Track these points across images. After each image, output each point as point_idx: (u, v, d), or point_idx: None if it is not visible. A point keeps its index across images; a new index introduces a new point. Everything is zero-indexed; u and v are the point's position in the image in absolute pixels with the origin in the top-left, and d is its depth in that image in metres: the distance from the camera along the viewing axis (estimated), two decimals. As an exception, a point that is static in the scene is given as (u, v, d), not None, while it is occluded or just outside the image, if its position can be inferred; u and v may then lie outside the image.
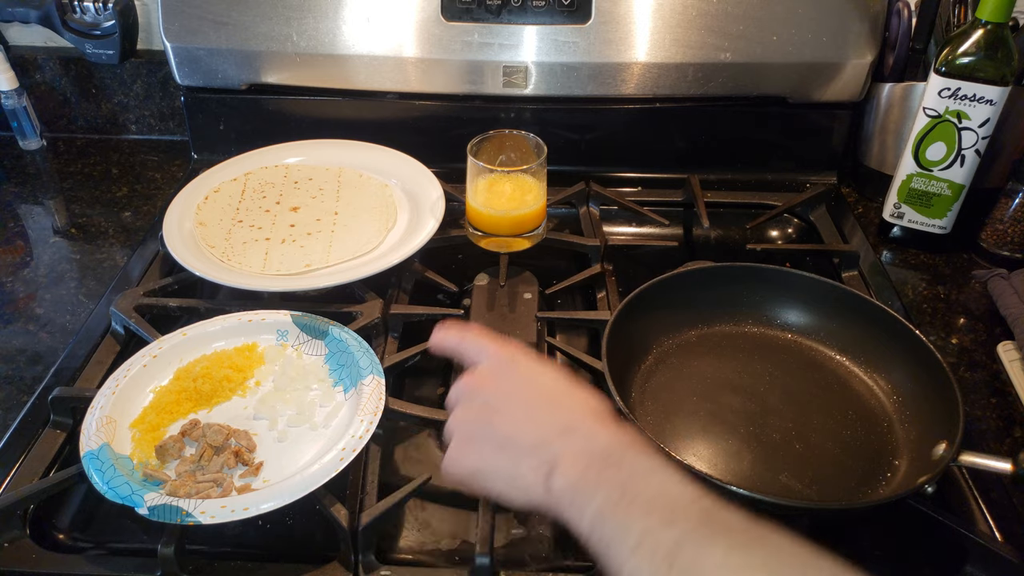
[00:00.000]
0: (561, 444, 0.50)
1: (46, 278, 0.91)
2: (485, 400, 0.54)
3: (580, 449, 0.49)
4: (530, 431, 0.52)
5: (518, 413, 0.53)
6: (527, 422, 0.52)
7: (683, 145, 1.07)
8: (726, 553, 0.41)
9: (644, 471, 0.47)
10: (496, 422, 0.53)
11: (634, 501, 0.45)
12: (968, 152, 0.87)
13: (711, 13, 0.97)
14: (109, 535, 0.65)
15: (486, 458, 0.53)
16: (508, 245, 0.89)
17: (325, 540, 0.63)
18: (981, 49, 0.82)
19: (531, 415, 0.53)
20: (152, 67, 1.12)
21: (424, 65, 1.01)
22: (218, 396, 0.71)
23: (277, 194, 0.95)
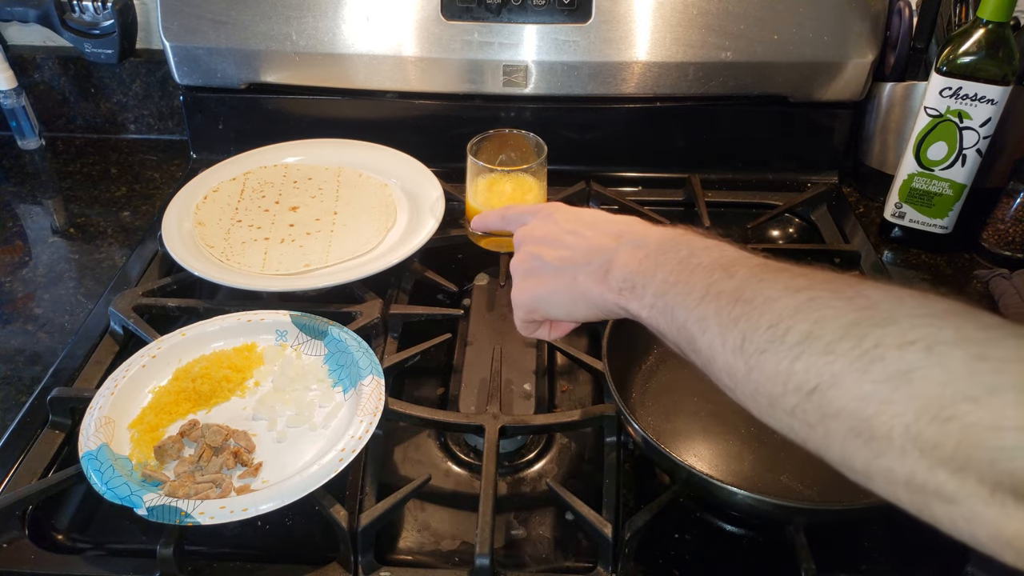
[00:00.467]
0: (614, 247, 0.52)
1: (45, 278, 0.91)
2: (536, 241, 0.58)
3: (633, 247, 0.51)
4: (580, 248, 0.54)
5: (568, 240, 0.55)
6: (577, 245, 0.55)
7: (684, 144, 1.07)
8: (789, 279, 0.41)
9: (700, 248, 0.47)
10: (548, 254, 0.56)
11: (696, 270, 0.45)
12: (969, 152, 0.87)
13: (712, 12, 0.96)
14: (108, 536, 0.64)
15: (545, 284, 0.56)
16: (508, 245, 0.88)
17: (324, 541, 0.63)
18: (982, 48, 0.82)
19: (580, 239, 0.55)
20: (151, 66, 1.12)
21: (424, 64, 1.00)
22: (217, 396, 0.71)
23: (276, 194, 0.95)
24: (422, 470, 0.70)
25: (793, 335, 0.38)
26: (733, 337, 0.41)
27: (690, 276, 0.45)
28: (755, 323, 0.40)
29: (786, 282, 0.41)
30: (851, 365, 0.35)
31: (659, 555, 0.63)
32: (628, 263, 0.50)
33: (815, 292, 0.39)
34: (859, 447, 0.35)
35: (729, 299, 0.42)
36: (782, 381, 0.38)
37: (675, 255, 0.48)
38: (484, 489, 0.62)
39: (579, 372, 0.80)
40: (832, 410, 0.36)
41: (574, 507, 0.62)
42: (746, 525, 0.65)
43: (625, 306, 0.50)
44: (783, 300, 0.39)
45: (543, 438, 0.73)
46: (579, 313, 0.55)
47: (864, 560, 0.63)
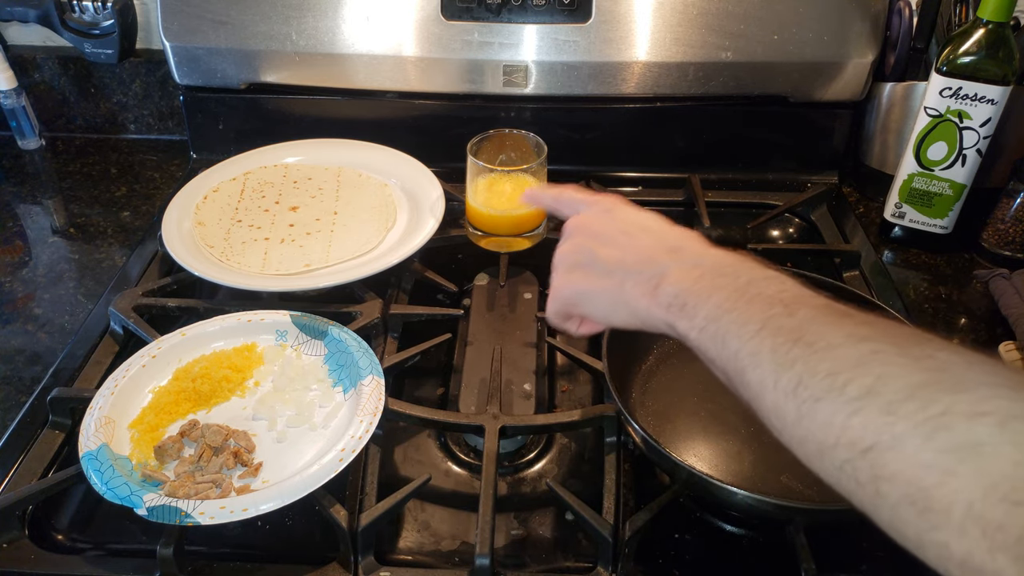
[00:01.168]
0: (669, 260, 0.50)
1: (45, 278, 0.91)
2: (591, 235, 0.55)
3: (691, 263, 0.49)
4: (635, 254, 0.52)
5: (622, 241, 0.54)
6: (632, 249, 0.53)
7: (684, 144, 1.07)
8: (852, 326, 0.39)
9: (761, 277, 0.46)
10: (600, 252, 0.54)
11: (754, 299, 0.44)
12: (969, 152, 0.87)
13: (712, 12, 0.96)
14: (108, 536, 0.64)
15: (591, 281, 0.54)
16: (508, 245, 0.89)
17: (324, 541, 0.63)
18: (982, 48, 0.82)
19: (635, 243, 0.53)
20: (151, 66, 1.12)
21: (424, 64, 1.00)
22: (217, 396, 0.71)
23: (276, 194, 0.95)
24: (422, 470, 0.70)
25: (853, 388, 0.36)
26: (788, 379, 0.39)
27: (748, 305, 0.44)
28: (813, 368, 0.38)
29: (849, 329, 0.39)
30: (914, 429, 0.33)
31: (659, 555, 0.63)
32: (682, 280, 0.48)
33: (879, 345, 0.37)
34: (912, 516, 0.33)
35: (787, 338, 0.40)
36: (835, 433, 0.36)
37: (734, 280, 0.46)
38: (484, 489, 0.62)
39: (579, 372, 0.80)
40: (887, 473, 0.34)
41: (574, 507, 0.62)
42: (746, 525, 0.65)
43: (672, 323, 0.48)
44: (845, 349, 0.38)
45: (543, 438, 0.73)
46: (617, 319, 0.53)
47: (864, 560, 0.63)
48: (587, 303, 0.55)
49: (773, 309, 0.42)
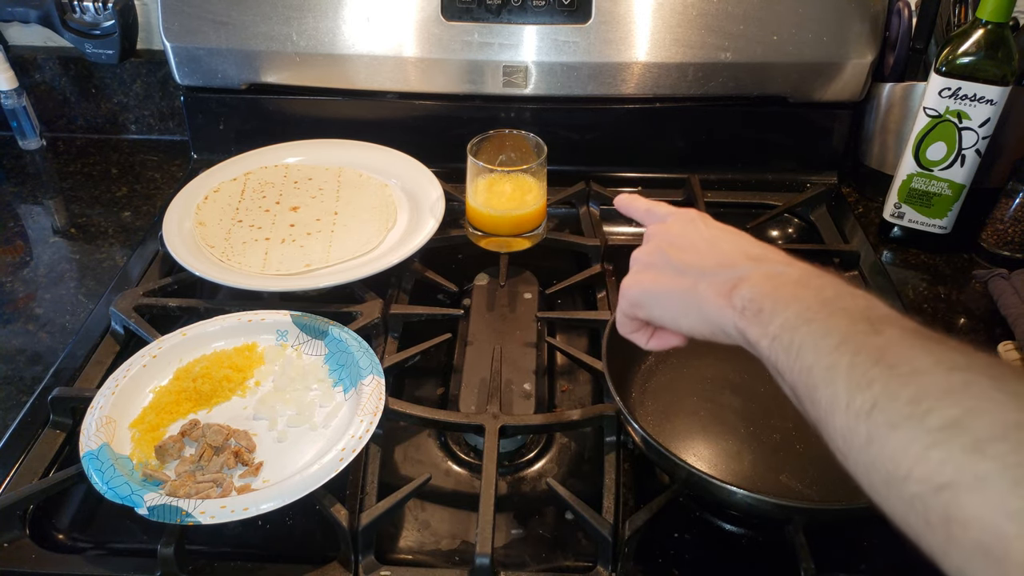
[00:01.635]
0: (749, 267, 0.48)
1: (46, 278, 0.91)
2: (669, 240, 0.54)
3: (771, 272, 0.47)
4: (713, 258, 0.50)
5: (701, 246, 0.52)
6: (710, 253, 0.51)
7: (683, 145, 1.07)
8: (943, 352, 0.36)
9: (848, 293, 0.43)
10: (676, 255, 0.52)
11: (837, 313, 0.41)
12: (968, 152, 0.87)
13: (711, 13, 0.97)
14: (109, 535, 0.65)
15: (662, 281, 0.52)
16: (508, 245, 0.89)
17: (325, 540, 0.63)
18: (981, 49, 0.82)
19: (715, 248, 0.51)
20: (152, 67, 1.12)
21: (424, 65, 1.01)
22: (218, 396, 0.71)
23: (277, 194, 0.95)
24: (422, 470, 0.70)
25: (935, 418, 0.33)
26: (863, 400, 0.36)
27: (829, 318, 0.41)
28: (893, 392, 0.35)
29: (940, 356, 0.36)
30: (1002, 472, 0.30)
31: (659, 555, 0.63)
32: (761, 284, 0.45)
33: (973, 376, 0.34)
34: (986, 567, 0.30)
35: (869, 356, 0.37)
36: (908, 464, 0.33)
37: (818, 292, 0.43)
38: (484, 489, 0.62)
39: (579, 372, 0.80)
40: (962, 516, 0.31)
41: (574, 507, 0.62)
42: (746, 525, 0.65)
43: (743, 329, 0.45)
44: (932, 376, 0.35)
45: (543, 438, 0.73)
46: (686, 323, 0.50)
47: (864, 560, 0.63)
48: (654, 304, 0.53)
49: (857, 325, 0.40)
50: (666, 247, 0.53)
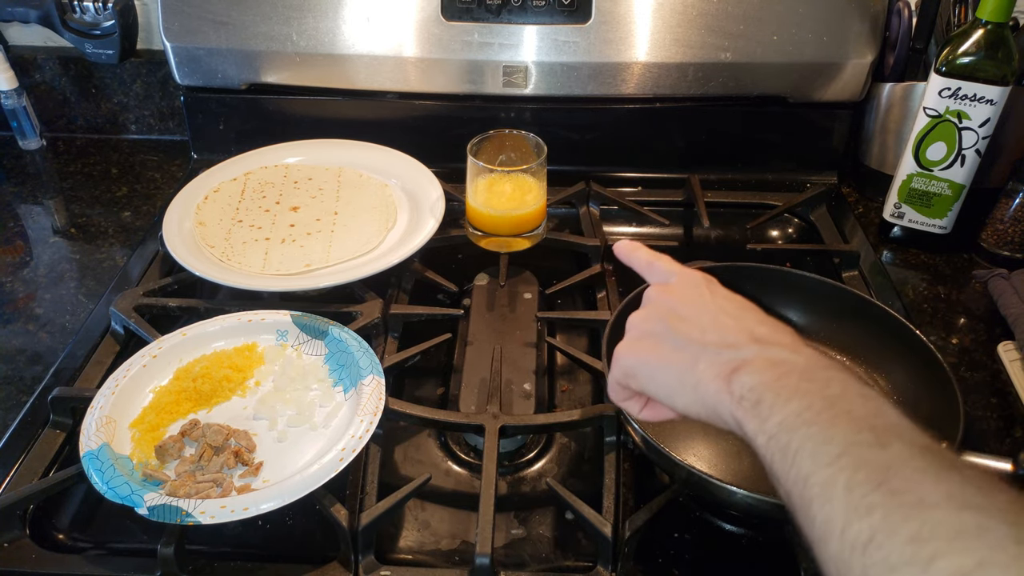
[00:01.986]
0: (752, 350, 0.45)
1: (46, 278, 0.91)
2: (671, 307, 0.51)
3: (776, 358, 0.44)
4: (716, 335, 0.47)
5: (704, 319, 0.49)
6: (713, 328, 0.48)
7: (683, 145, 1.07)
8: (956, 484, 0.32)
9: (856, 393, 0.40)
10: (679, 327, 0.49)
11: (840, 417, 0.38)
12: (968, 152, 0.87)
13: (711, 13, 0.97)
14: (109, 535, 0.65)
15: (660, 353, 0.49)
16: (508, 245, 0.89)
17: (325, 540, 0.63)
18: (981, 49, 0.82)
19: (719, 322, 0.48)
20: (152, 67, 1.12)
21: (424, 65, 1.01)
22: (218, 396, 0.71)
23: (277, 194, 0.95)
24: (422, 470, 0.70)
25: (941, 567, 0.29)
26: (859, 528, 0.33)
27: (832, 423, 0.38)
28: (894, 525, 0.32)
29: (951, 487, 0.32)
30: None
31: (659, 554, 0.63)
32: (763, 372, 0.43)
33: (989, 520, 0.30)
34: None
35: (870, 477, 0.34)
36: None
37: (823, 388, 0.40)
38: (484, 489, 0.62)
39: (579, 372, 0.80)
40: None
41: (574, 507, 0.62)
42: (746, 525, 0.65)
43: (740, 420, 0.43)
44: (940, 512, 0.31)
45: (543, 438, 0.73)
46: (680, 401, 0.47)
47: (863, 559, 0.63)
48: (650, 377, 0.49)
49: (860, 435, 0.37)
50: (666, 314, 0.50)
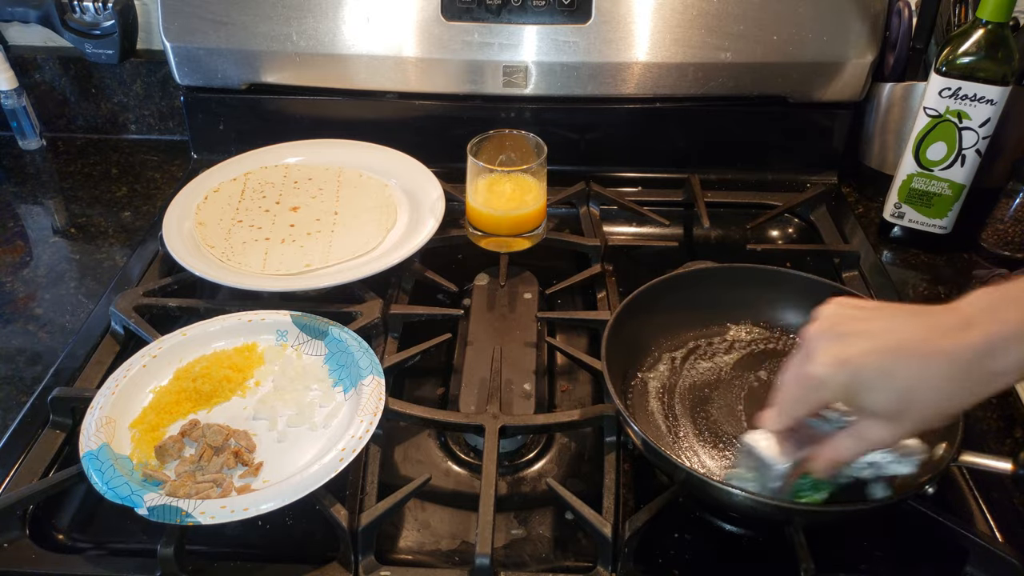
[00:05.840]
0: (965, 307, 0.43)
1: (45, 278, 0.91)
2: (839, 315, 0.47)
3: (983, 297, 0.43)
4: (905, 310, 0.45)
5: (880, 311, 0.46)
6: (895, 311, 0.46)
7: (683, 145, 1.07)
8: None
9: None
10: (875, 324, 0.45)
11: None
12: (969, 152, 0.87)
13: (711, 13, 0.97)
14: (109, 535, 0.65)
15: (877, 347, 0.44)
16: (508, 245, 0.89)
17: (325, 540, 0.63)
18: (982, 49, 0.82)
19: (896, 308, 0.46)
20: (152, 67, 1.12)
21: (424, 65, 1.01)
22: (218, 396, 0.71)
23: (277, 194, 0.95)
24: (422, 470, 0.70)
25: None
26: None
27: None
28: None
29: None
30: None
31: (659, 555, 0.63)
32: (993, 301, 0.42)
33: None
34: None
35: None
36: None
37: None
38: (484, 489, 0.62)
39: (579, 372, 0.80)
40: None
41: (574, 507, 0.62)
42: (745, 525, 0.65)
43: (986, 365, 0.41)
44: None
45: (543, 438, 0.73)
46: (920, 394, 0.43)
47: (864, 560, 0.63)
48: (880, 381, 0.44)
49: None
50: (852, 314, 0.47)
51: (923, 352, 0.43)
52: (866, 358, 0.45)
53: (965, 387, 0.43)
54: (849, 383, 0.46)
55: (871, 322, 0.46)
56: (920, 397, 0.44)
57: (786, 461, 0.55)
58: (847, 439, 0.50)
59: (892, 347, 0.44)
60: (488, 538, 0.59)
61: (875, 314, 0.47)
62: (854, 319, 0.47)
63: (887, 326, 0.45)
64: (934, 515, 0.60)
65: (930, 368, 0.43)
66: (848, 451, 0.50)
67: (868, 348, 0.45)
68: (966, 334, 0.42)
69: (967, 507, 0.64)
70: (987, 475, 0.65)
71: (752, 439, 0.57)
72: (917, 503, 0.59)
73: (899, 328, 0.45)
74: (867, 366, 0.45)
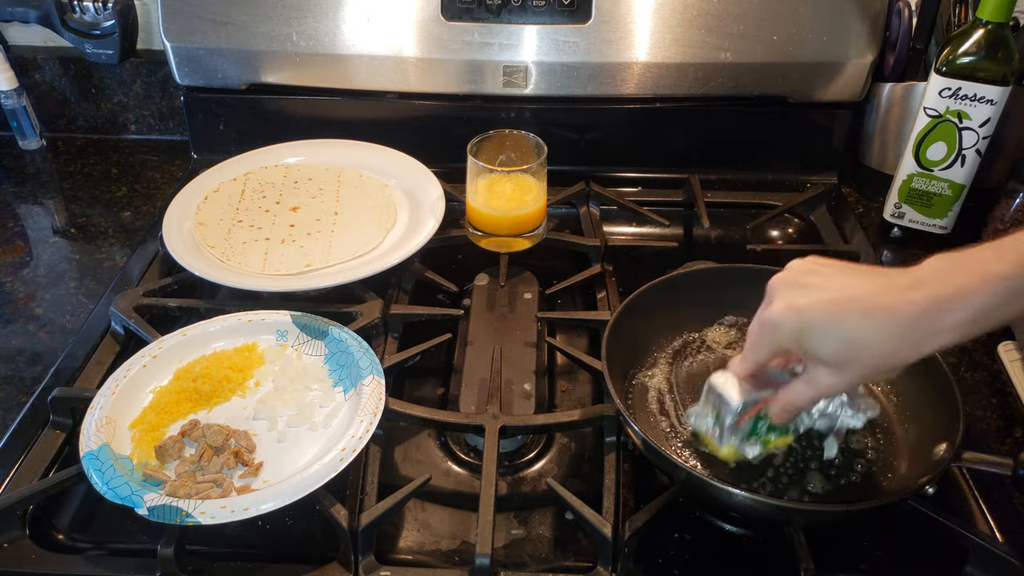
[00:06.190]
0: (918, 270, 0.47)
1: (46, 278, 0.91)
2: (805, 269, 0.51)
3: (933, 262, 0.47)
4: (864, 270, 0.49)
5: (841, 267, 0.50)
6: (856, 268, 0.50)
7: (683, 145, 1.07)
8: None
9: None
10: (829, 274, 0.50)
11: None
12: (969, 152, 0.87)
13: (711, 13, 0.97)
14: (109, 535, 0.65)
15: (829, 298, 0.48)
16: (508, 245, 0.89)
17: (325, 540, 0.63)
18: (982, 49, 0.82)
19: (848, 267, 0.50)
20: (152, 67, 1.12)
21: (424, 65, 1.01)
22: (218, 396, 0.71)
23: (277, 194, 0.95)
24: (422, 470, 0.70)
25: None
26: None
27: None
28: None
29: None
30: None
31: (659, 555, 0.63)
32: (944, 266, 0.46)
33: None
34: None
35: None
36: None
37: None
38: (484, 489, 0.62)
39: (579, 372, 0.80)
40: None
41: (574, 507, 0.62)
42: (745, 525, 0.65)
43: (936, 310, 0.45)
44: None
45: (543, 438, 0.73)
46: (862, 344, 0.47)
47: (864, 560, 0.63)
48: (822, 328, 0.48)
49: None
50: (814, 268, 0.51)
51: (870, 307, 0.47)
52: (817, 308, 0.49)
53: (907, 342, 0.47)
54: (799, 329, 0.49)
55: (829, 278, 0.50)
56: (864, 348, 0.47)
57: (742, 399, 0.58)
58: (800, 384, 0.54)
59: (842, 300, 0.48)
60: (488, 538, 0.59)
61: (835, 271, 0.50)
62: (814, 273, 0.50)
63: (843, 282, 0.49)
64: (934, 515, 0.60)
65: (875, 322, 0.47)
66: (800, 395, 0.54)
67: (821, 299, 0.48)
68: (913, 293, 0.46)
69: (967, 507, 0.64)
70: (987, 475, 0.65)
71: (716, 378, 0.61)
72: (917, 503, 0.59)
73: (853, 284, 0.48)
74: (817, 315, 0.48)
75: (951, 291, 0.45)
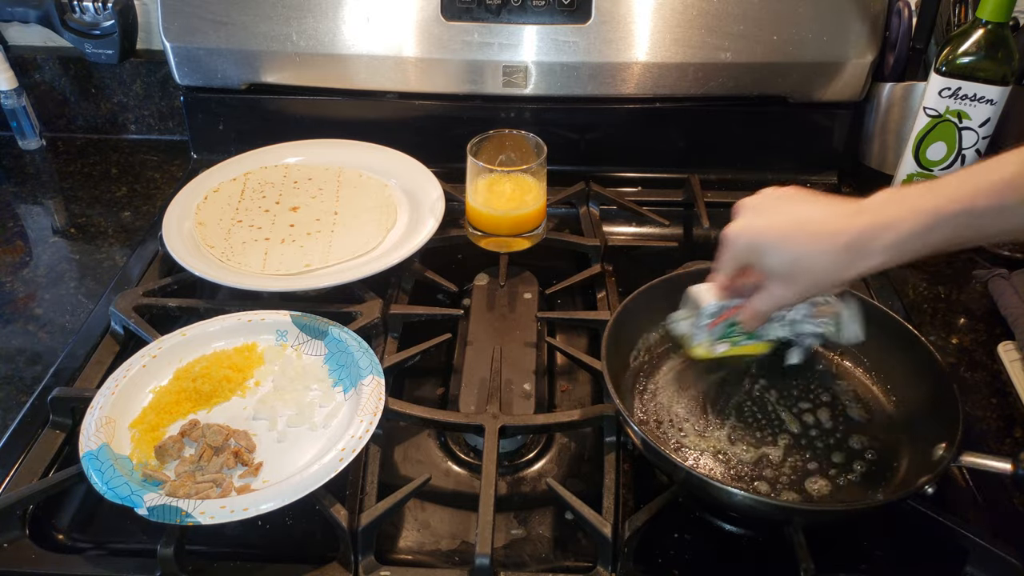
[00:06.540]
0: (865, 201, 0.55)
1: (45, 278, 0.91)
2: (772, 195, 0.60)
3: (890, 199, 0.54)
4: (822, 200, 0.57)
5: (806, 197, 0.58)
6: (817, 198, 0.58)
7: (683, 145, 1.07)
8: None
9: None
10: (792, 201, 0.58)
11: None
12: (969, 152, 0.87)
13: (711, 13, 0.97)
14: (108, 535, 0.65)
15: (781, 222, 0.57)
16: (508, 245, 0.89)
17: (325, 540, 0.63)
18: (981, 49, 0.82)
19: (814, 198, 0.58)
20: (152, 67, 1.12)
21: (424, 65, 1.01)
22: (217, 396, 0.71)
23: (277, 194, 0.95)
24: (422, 470, 0.70)
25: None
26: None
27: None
28: None
29: None
30: None
31: (659, 555, 0.63)
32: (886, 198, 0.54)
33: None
34: None
35: None
36: None
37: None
38: (484, 489, 0.62)
39: (579, 372, 0.80)
40: None
41: (574, 507, 0.62)
42: (745, 525, 0.65)
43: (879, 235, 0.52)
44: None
45: (543, 438, 0.73)
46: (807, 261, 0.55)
47: (864, 560, 0.63)
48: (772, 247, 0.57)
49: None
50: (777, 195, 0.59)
51: (813, 230, 0.55)
52: (768, 229, 0.57)
53: (844, 260, 0.54)
54: (751, 245, 0.59)
55: (785, 205, 0.58)
56: (807, 264, 0.56)
57: (715, 303, 0.67)
58: (762, 294, 0.62)
59: (790, 223, 0.57)
60: (488, 538, 0.59)
61: (792, 200, 0.58)
62: (775, 199, 0.59)
63: (795, 209, 0.57)
64: (934, 515, 0.60)
65: (816, 243, 0.55)
66: (762, 303, 0.62)
67: (772, 222, 0.57)
68: (854, 219, 0.54)
69: (967, 507, 0.64)
70: (987, 475, 0.65)
71: (695, 287, 0.69)
72: (917, 503, 0.59)
73: (803, 211, 0.57)
74: (766, 234, 0.57)
75: (884, 219, 0.53)
